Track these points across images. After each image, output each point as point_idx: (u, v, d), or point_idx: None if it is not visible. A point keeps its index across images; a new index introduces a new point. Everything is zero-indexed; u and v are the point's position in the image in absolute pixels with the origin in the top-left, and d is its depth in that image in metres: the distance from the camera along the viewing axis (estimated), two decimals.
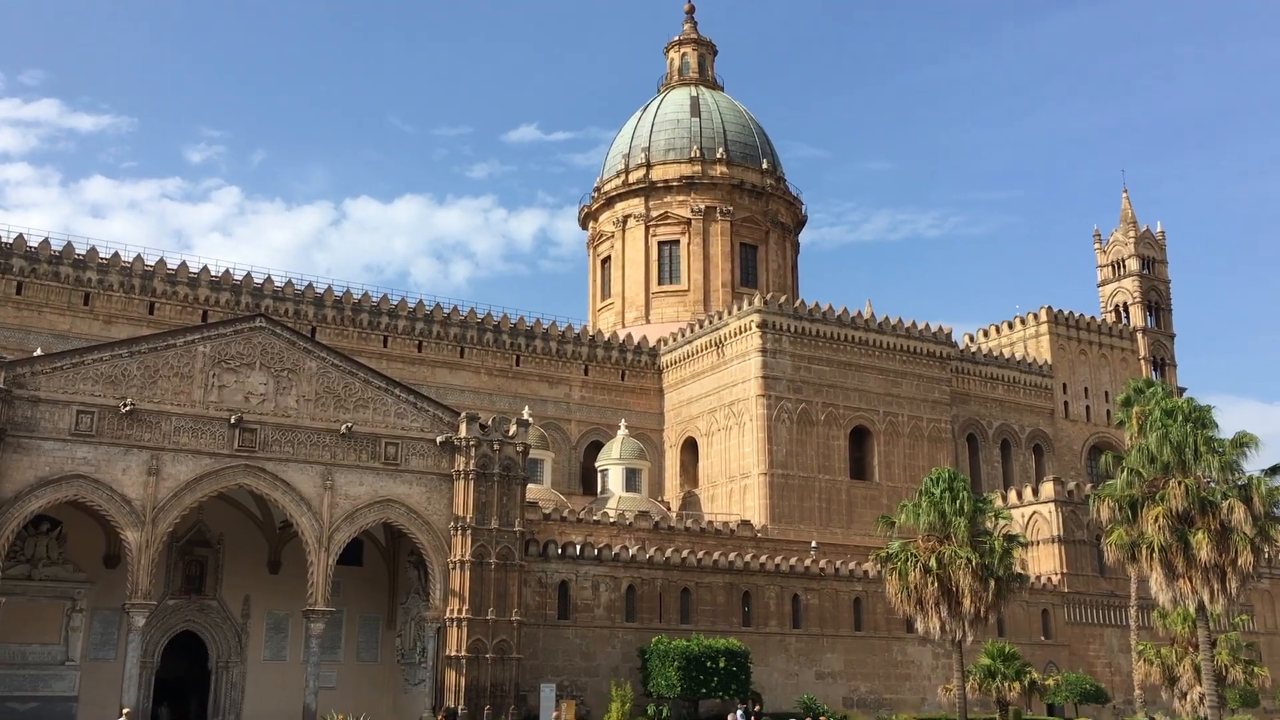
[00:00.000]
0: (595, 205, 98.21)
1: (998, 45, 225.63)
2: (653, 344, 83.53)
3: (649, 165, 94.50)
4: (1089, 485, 70.68)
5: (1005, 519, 46.05)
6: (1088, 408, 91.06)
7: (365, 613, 54.30)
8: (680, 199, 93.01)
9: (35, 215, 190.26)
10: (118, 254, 67.32)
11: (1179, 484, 34.38)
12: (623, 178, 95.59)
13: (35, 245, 64.93)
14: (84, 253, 66.26)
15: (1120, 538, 36.32)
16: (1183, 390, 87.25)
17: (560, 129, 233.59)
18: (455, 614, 48.42)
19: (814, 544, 69.08)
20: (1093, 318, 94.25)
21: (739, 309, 77.33)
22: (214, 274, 69.79)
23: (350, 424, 47.65)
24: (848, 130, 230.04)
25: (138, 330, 60.90)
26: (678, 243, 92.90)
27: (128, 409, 43.74)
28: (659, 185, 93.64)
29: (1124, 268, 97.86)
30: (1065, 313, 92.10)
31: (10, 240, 64.44)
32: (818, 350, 76.57)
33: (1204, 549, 33.73)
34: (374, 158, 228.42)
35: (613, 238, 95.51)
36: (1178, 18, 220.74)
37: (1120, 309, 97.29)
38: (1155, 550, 34.52)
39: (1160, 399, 38.56)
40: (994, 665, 45.72)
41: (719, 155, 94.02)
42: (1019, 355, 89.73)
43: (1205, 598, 34.46)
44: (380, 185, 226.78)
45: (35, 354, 46.54)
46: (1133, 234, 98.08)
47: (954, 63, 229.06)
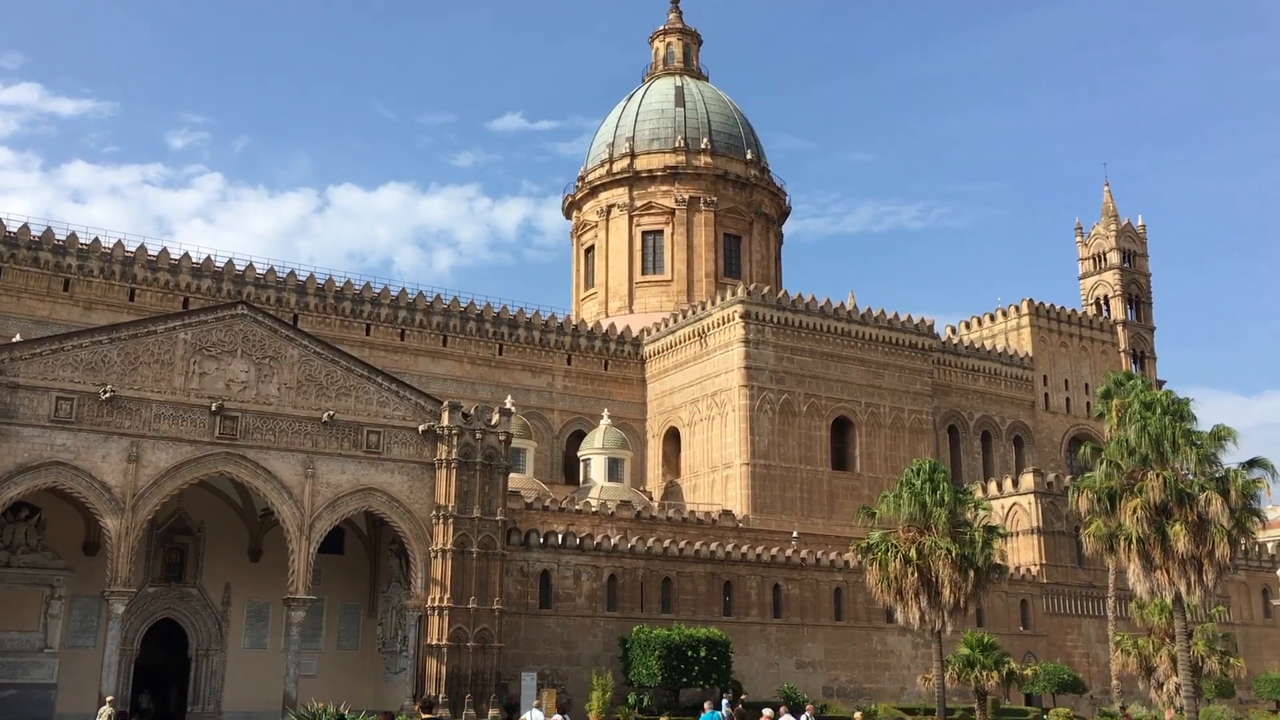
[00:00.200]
0: (579, 195, 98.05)
1: (982, 38, 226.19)
2: (636, 334, 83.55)
3: (633, 155, 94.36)
4: (1068, 477, 71.18)
5: (985, 510, 46.34)
6: (1068, 400, 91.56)
7: (346, 601, 54.22)
8: (664, 189, 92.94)
9: (15, 200, 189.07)
10: (98, 240, 66.87)
11: (1157, 476, 34.62)
12: (607, 167, 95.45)
13: (14, 230, 64.39)
14: (64, 238, 65.78)
15: (1099, 529, 36.58)
16: (1162, 383, 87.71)
17: (545, 118, 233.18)
18: (437, 603, 48.43)
19: (795, 534, 69.32)
20: (1073, 310, 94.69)
21: (722, 299, 77.40)
22: (195, 261, 69.40)
23: (332, 412, 47.53)
24: (832, 121, 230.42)
25: (118, 317, 60.50)
26: (661, 233, 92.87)
27: (108, 396, 43.51)
28: (643, 175, 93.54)
29: (1105, 261, 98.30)
30: (1046, 305, 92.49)
31: None
32: (800, 341, 76.75)
33: (1181, 541, 34.00)
34: (358, 145, 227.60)
35: (596, 227, 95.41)
36: (1161, 12, 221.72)
37: (1101, 302, 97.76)
38: (1133, 542, 34.77)
39: (1140, 392, 38.77)
40: (973, 655, 45.99)
41: (703, 145, 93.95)
42: (1000, 347, 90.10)
43: (1182, 589, 34.76)
44: (364, 173, 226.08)
45: (14, 340, 46.21)
46: (1114, 227, 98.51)
47: (938, 55, 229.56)
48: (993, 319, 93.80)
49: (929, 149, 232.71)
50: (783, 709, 34.66)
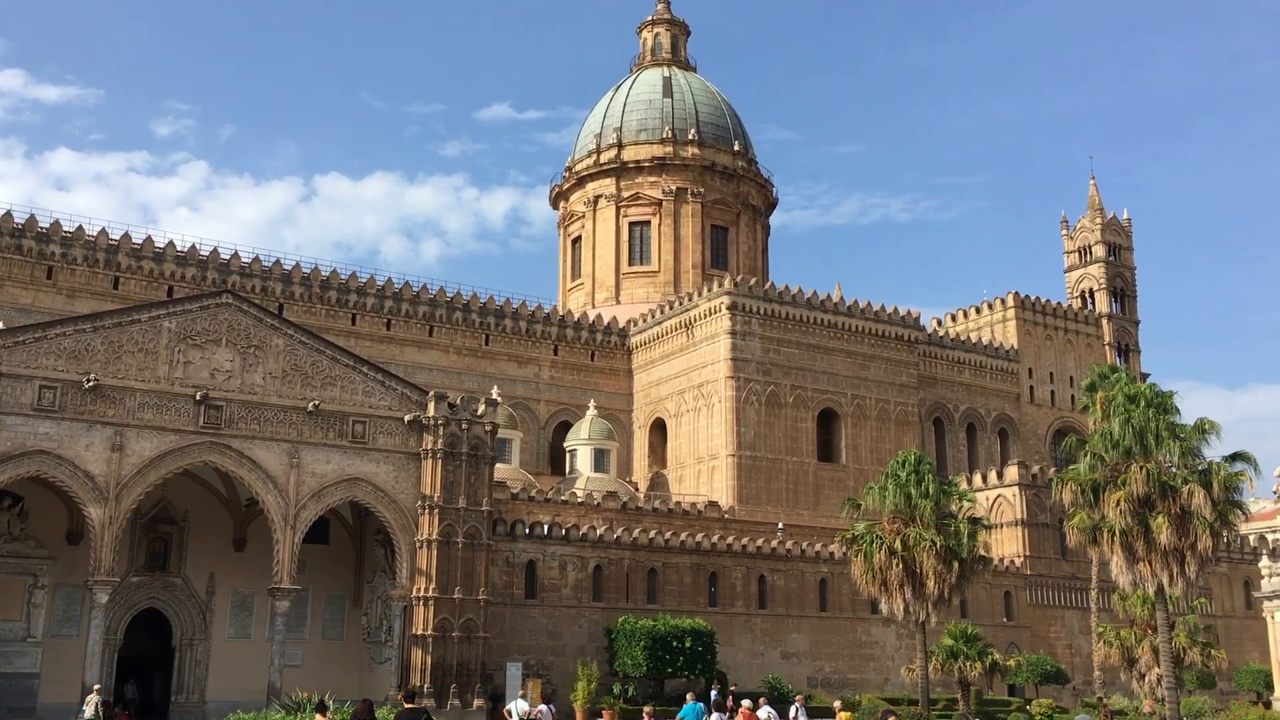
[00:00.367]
0: (566, 185, 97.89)
1: (970, 32, 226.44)
2: (622, 325, 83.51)
3: (620, 145, 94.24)
4: (1053, 469, 71.41)
5: (970, 502, 46.49)
6: (1053, 392, 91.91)
7: (331, 591, 54.10)
8: (651, 180, 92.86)
9: None
10: (82, 228, 66.48)
11: (1141, 469, 34.76)
12: (594, 158, 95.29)
13: None
14: (47, 226, 65.36)
15: (1082, 521, 36.73)
16: (1146, 376, 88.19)
17: (533, 108, 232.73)
18: (422, 593, 48.37)
19: (781, 525, 69.47)
20: (1059, 303, 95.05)
21: (709, 291, 77.42)
22: (180, 249, 69.06)
23: (317, 402, 47.37)
24: (820, 113, 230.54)
25: (102, 305, 60.21)
26: (648, 224, 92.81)
27: (91, 384, 43.27)
28: (630, 166, 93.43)
29: (1090, 254, 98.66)
30: (1032, 298, 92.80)
31: None
32: (787, 333, 76.84)
33: (1164, 533, 34.15)
34: (344, 134, 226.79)
35: (584, 218, 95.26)
36: (1148, 7, 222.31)
37: (1086, 295, 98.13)
38: (1116, 534, 34.91)
39: (1124, 384, 38.90)
40: (957, 646, 46.19)
41: (691, 136, 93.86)
42: (986, 340, 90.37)
43: (1164, 581, 34.92)
44: (350, 162, 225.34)
45: None
46: (1099, 221, 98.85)
47: (927, 48, 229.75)
48: (979, 311, 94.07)
49: (917, 141, 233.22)
50: (762, 700, 34.71)
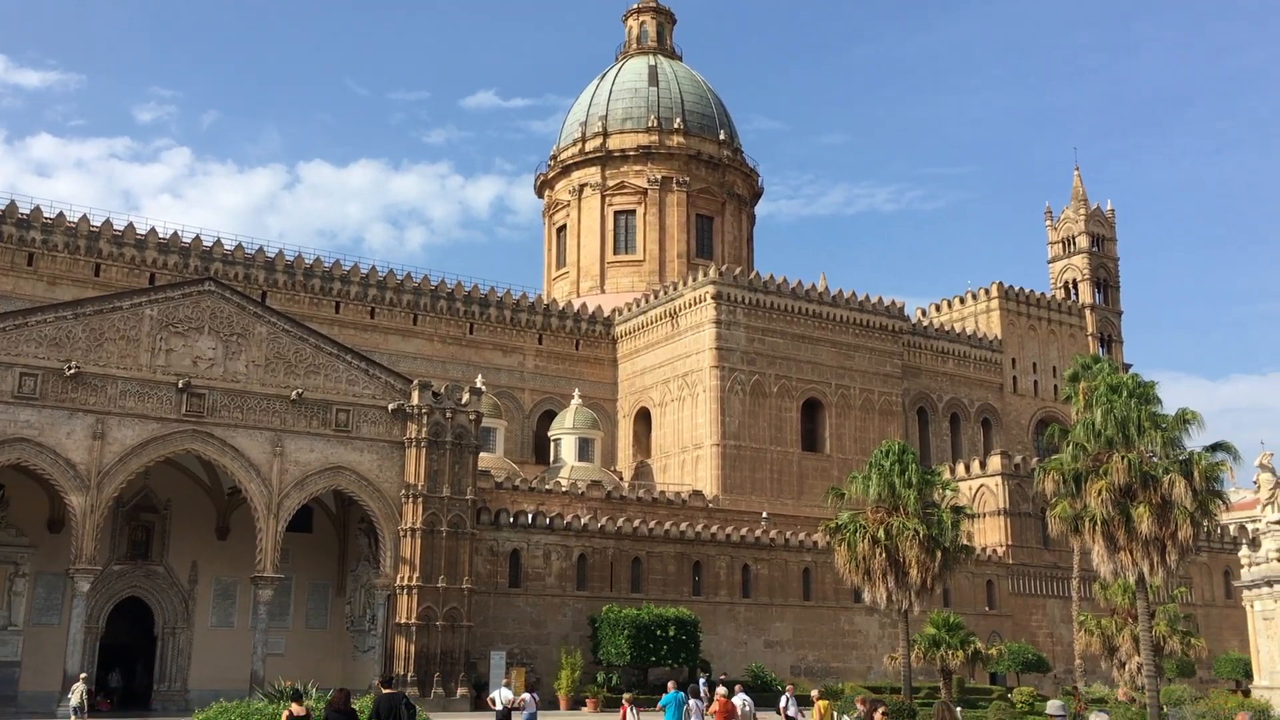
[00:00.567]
0: (551, 174, 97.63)
1: (956, 22, 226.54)
2: (607, 314, 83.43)
3: (606, 134, 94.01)
4: (1035, 459, 71.76)
5: (953, 491, 46.55)
6: (1036, 383, 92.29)
7: (315, 579, 54.04)
8: (637, 169, 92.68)
9: None
10: (63, 214, 66.03)
11: (1122, 458, 34.87)
12: (579, 146, 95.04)
13: None
14: (28, 212, 64.88)
15: (1064, 510, 36.83)
16: (1129, 367, 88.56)
17: (518, 96, 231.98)
18: (406, 581, 48.37)
19: (765, 514, 69.63)
20: (1042, 294, 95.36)
21: (694, 280, 77.40)
22: (162, 236, 68.66)
23: (301, 390, 47.24)
24: (806, 103, 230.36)
25: (83, 292, 59.85)
26: (634, 213, 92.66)
27: (72, 372, 43.05)
28: (615, 154, 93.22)
29: (1074, 245, 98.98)
30: (1016, 289, 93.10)
31: None
32: (772, 322, 76.90)
33: (1145, 522, 34.28)
34: (328, 121, 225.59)
35: (569, 206, 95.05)
36: None
37: (1070, 285, 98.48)
38: (1098, 523, 35.02)
39: (1106, 375, 39.01)
40: (939, 635, 46.28)
41: (676, 125, 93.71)
42: (970, 330, 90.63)
43: (1145, 570, 35.06)
44: (335, 149, 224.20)
45: None
46: (1083, 212, 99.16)
47: (912, 38, 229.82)
48: (962, 302, 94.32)
49: (902, 132, 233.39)
50: (738, 687, 34.79)
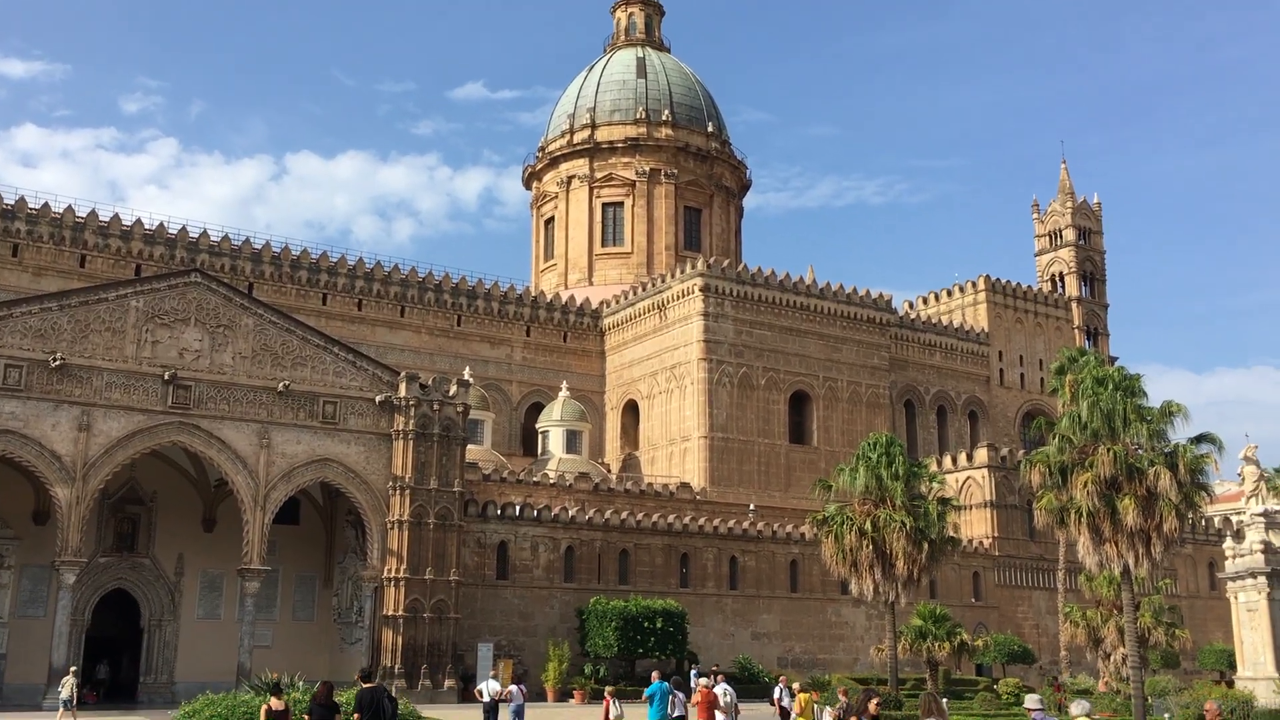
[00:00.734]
0: (539, 165, 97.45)
1: (942, 15, 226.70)
2: (595, 306, 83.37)
3: (594, 126, 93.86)
4: (1021, 451, 71.95)
5: (940, 483, 46.83)
6: (1022, 375, 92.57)
7: (302, 572, 53.93)
8: (625, 161, 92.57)
9: None
10: (48, 205, 65.64)
11: (1108, 451, 34.99)
12: (567, 138, 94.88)
13: None
14: (13, 202, 64.48)
15: (1050, 503, 36.96)
16: (1114, 359, 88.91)
17: (507, 87, 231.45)
18: (393, 573, 48.32)
19: (752, 507, 69.73)
20: (1029, 287, 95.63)
21: (682, 272, 77.37)
22: (148, 227, 68.31)
23: (288, 382, 47.10)
24: (794, 95, 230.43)
25: (68, 283, 59.51)
26: (621, 205, 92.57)
27: (57, 364, 42.84)
28: (603, 146, 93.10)
29: (1061, 238, 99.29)
30: (1003, 281, 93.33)
31: None
32: (759, 315, 76.93)
33: (1130, 514, 34.41)
34: (315, 112, 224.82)
35: (556, 198, 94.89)
36: None
37: (1056, 278, 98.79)
38: (1083, 515, 35.15)
39: (1092, 368, 39.12)
40: (925, 626, 46.50)
41: (664, 117, 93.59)
42: (957, 323, 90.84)
43: (1130, 562, 35.21)
44: (322, 140, 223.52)
45: None
46: (1070, 205, 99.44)
47: (900, 31, 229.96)
48: (950, 294, 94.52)
49: (890, 124, 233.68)
50: (719, 677, 34.91)
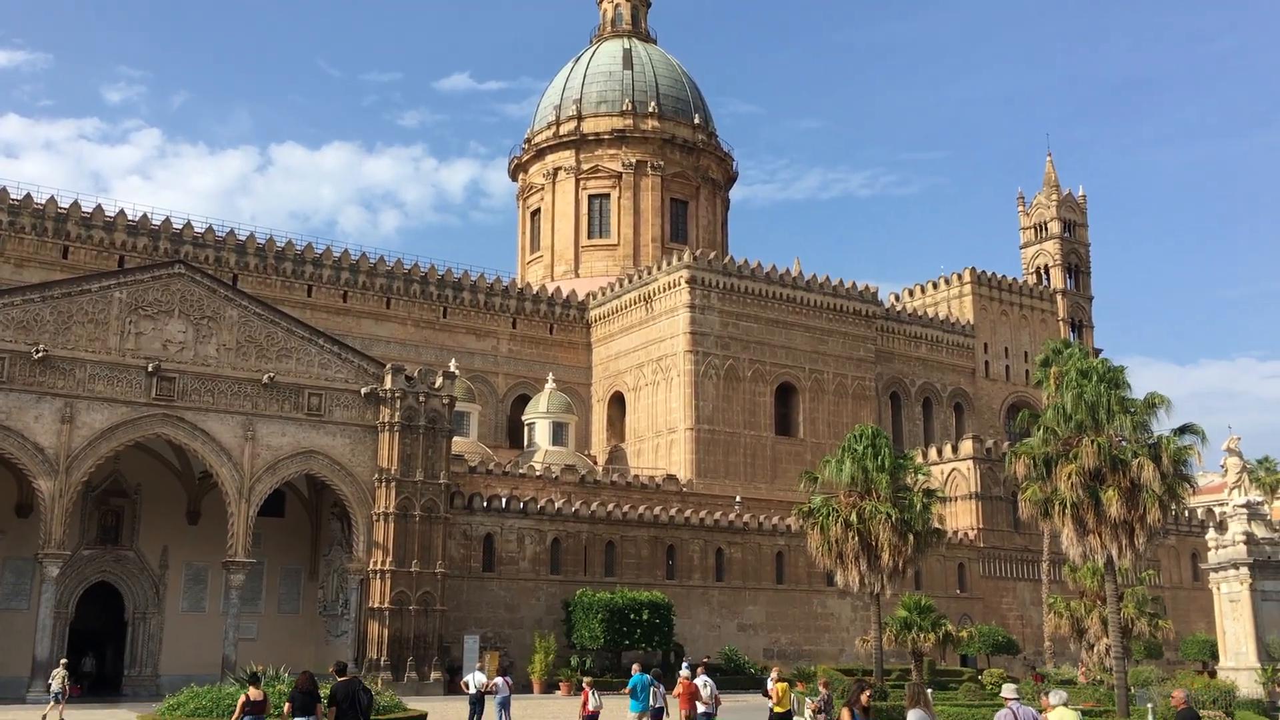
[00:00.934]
0: (525, 157, 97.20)
1: (930, 8, 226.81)
2: (581, 298, 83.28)
3: (580, 117, 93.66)
4: (1006, 443, 72.25)
5: (925, 475, 46.85)
6: (1007, 367, 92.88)
7: (287, 564, 53.83)
8: (611, 152, 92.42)
9: None
10: (30, 195, 65.19)
11: (1092, 442, 35.09)
12: (553, 130, 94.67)
13: None
14: None
15: (1034, 494, 37.06)
16: (1099, 351, 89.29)
17: (493, 78, 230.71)
18: (379, 566, 48.26)
19: (738, 499, 69.83)
20: (1014, 279, 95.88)
21: (668, 264, 77.33)
22: (131, 218, 67.92)
23: (272, 374, 46.94)
24: (781, 88, 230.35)
25: (51, 275, 59.20)
26: (608, 196, 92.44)
27: (40, 355, 42.61)
28: (590, 138, 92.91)
29: (1046, 230, 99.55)
30: (988, 274, 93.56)
31: None
32: (746, 307, 76.97)
33: (1114, 506, 34.53)
34: (300, 102, 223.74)
35: (543, 190, 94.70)
36: None
37: (1041, 271, 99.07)
38: (1068, 506, 35.25)
39: (1077, 359, 39.21)
40: (910, 617, 46.56)
41: (651, 109, 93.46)
42: (943, 315, 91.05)
43: (1114, 553, 35.34)
44: (307, 131, 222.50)
45: None
46: (1055, 197, 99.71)
47: (886, 24, 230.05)
48: (935, 287, 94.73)
49: (877, 117, 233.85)
50: (699, 669, 35.03)
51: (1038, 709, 18.36)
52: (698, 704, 28.47)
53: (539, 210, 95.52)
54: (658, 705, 28.16)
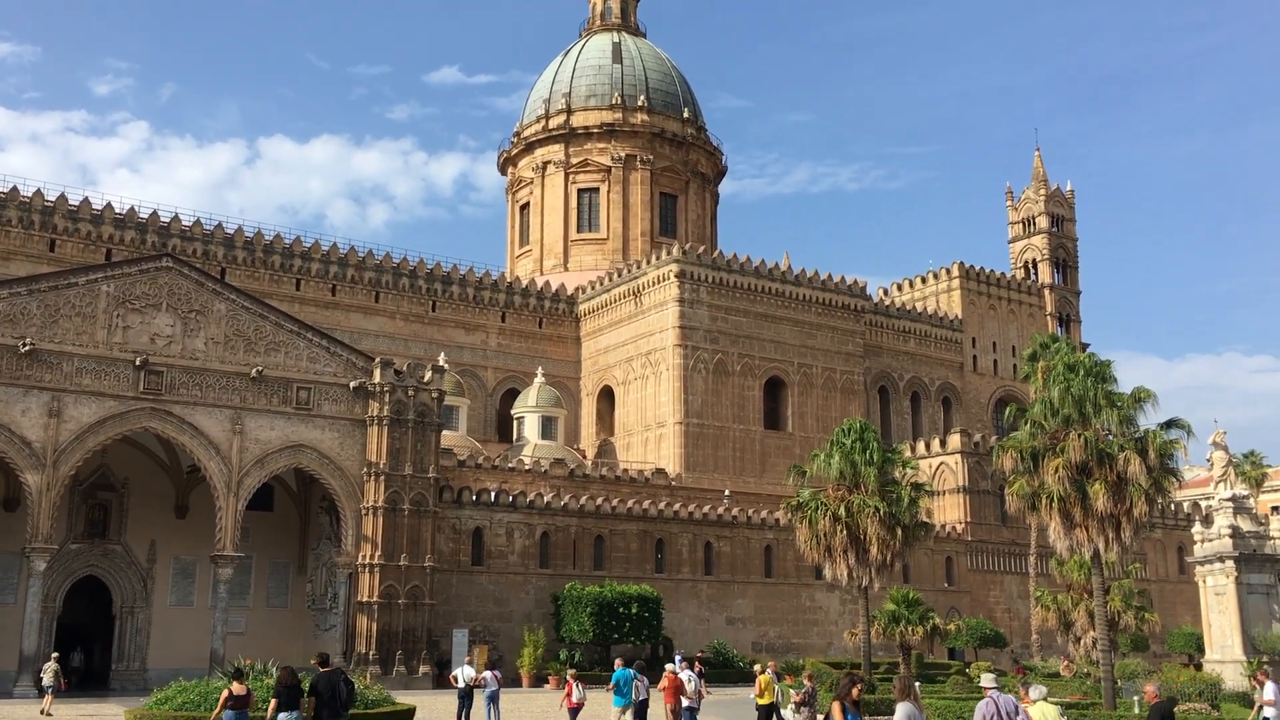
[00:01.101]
0: (515, 151, 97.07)
1: (918, 2, 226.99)
2: (571, 292, 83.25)
3: (569, 111, 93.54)
4: (994, 437, 72.42)
5: (913, 469, 46.91)
6: (995, 362, 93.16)
7: (276, 558, 53.74)
8: (600, 146, 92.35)
9: None
10: (16, 188, 64.89)
11: (1079, 436, 35.22)
12: (543, 123, 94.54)
13: None
14: None
15: (1022, 488, 37.19)
16: (1086, 346, 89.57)
17: (482, 71, 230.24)
18: (368, 560, 48.23)
19: (727, 492, 69.94)
20: (1002, 274, 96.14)
21: (657, 258, 77.34)
22: (119, 211, 67.65)
23: (261, 368, 46.84)
24: (770, 82, 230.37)
25: (37, 268, 58.92)
26: (597, 190, 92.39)
27: (27, 349, 42.45)
28: (579, 132, 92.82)
29: (1034, 225, 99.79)
30: (976, 268, 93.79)
31: None
32: (735, 301, 77.04)
33: (1101, 499, 34.67)
34: (289, 95, 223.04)
35: (532, 184, 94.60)
36: None
37: (1029, 265, 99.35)
38: (1054, 500, 35.39)
39: (1064, 354, 39.32)
40: (898, 611, 46.76)
41: (640, 103, 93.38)
42: (931, 309, 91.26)
43: (1100, 546, 35.48)
44: (296, 124, 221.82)
45: None
46: (1043, 192, 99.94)
47: (876, 17, 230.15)
48: (924, 281, 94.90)
49: (866, 111, 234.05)
50: (683, 665, 35.13)
51: (1018, 698, 18.46)
52: (682, 698, 28.53)
53: (528, 204, 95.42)
54: (641, 698, 28.21)
